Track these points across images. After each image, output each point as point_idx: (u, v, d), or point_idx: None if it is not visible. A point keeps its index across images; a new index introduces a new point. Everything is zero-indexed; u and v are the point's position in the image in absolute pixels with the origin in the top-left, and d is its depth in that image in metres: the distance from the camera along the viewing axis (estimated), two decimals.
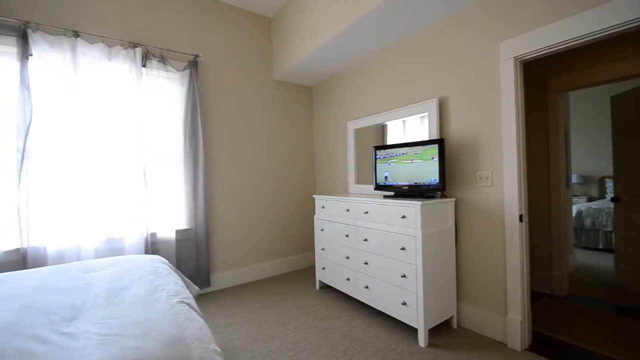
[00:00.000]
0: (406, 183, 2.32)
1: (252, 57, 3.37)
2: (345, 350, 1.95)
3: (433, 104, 2.32)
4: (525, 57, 1.86)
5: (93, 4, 2.50)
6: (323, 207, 2.87)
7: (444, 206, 2.13)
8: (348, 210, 2.55)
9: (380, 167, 2.53)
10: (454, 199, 2.19)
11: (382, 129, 2.86)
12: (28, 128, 2.15)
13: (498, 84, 1.98)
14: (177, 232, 2.78)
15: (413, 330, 2.15)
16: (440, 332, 2.13)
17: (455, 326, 2.19)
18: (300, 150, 3.77)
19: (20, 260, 2.16)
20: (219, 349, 0.90)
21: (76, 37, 2.35)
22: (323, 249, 2.87)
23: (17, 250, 2.16)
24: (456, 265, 2.23)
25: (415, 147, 2.25)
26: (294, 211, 3.68)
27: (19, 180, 2.13)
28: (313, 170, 3.89)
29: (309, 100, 3.86)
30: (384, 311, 2.22)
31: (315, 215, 2.99)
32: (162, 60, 2.69)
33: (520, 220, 1.91)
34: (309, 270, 3.62)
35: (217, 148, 3.11)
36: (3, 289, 1.26)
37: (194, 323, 0.98)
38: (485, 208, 2.07)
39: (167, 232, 2.71)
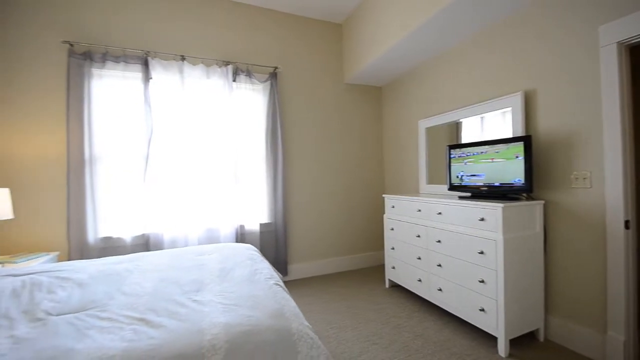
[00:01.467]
0: (485, 183, 2.22)
1: (324, 64, 3.56)
2: (418, 350, 1.97)
3: (517, 98, 2.17)
4: (633, 41, 1.63)
5: (195, 32, 2.97)
6: (393, 207, 2.90)
7: (530, 209, 1.98)
8: (419, 210, 2.54)
9: (454, 166, 2.45)
10: (542, 202, 2.02)
11: (456, 127, 2.76)
12: (150, 138, 2.68)
13: (597, 72, 1.77)
14: (261, 225, 3.14)
15: (492, 338, 2.05)
16: (524, 343, 2.00)
17: (542, 339, 2.02)
18: (370, 150, 3.84)
19: (144, 244, 2.71)
20: (310, 325, 1.06)
21: (183, 61, 2.82)
22: (393, 248, 2.90)
23: (143, 235, 2.72)
24: (544, 273, 2.05)
25: (496, 145, 2.14)
26: (364, 210, 3.78)
27: (144, 181, 2.67)
28: (382, 169, 3.93)
29: (378, 101, 3.91)
30: (459, 315, 2.16)
31: (384, 215, 3.03)
32: (248, 74, 3.05)
33: (627, 227, 1.68)
34: (379, 269, 3.67)
35: (293, 150, 3.38)
36: (143, 265, 1.63)
37: (289, 302, 1.16)
38: (582, 212, 1.87)
39: (253, 225, 3.09)
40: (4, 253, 2.39)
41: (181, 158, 2.81)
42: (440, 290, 2.32)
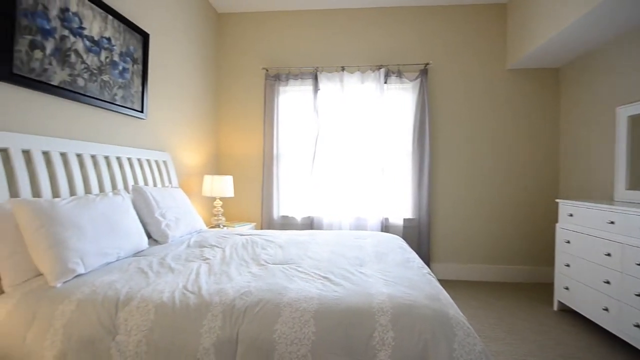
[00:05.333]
0: None
1: (480, 51, 3.30)
2: None
3: None
4: None
5: (352, 44, 3.37)
6: (571, 215, 2.42)
7: None
8: (612, 222, 2.04)
9: None
10: None
11: None
12: (316, 138, 3.26)
13: None
14: (404, 220, 3.28)
15: None
16: None
17: None
18: (538, 145, 3.28)
19: (309, 224, 3.35)
20: (465, 316, 1.13)
21: (342, 71, 3.26)
22: (567, 265, 2.43)
23: (308, 217, 3.36)
24: None
25: None
26: (527, 216, 3.29)
27: (311, 174, 3.28)
28: (556, 169, 3.28)
29: (552, 86, 3.27)
30: None
31: (557, 224, 2.57)
32: (399, 75, 3.21)
33: None
34: (543, 287, 3.13)
35: (442, 146, 3.33)
36: (317, 239, 2.08)
37: (443, 291, 1.26)
38: None
39: (397, 219, 3.27)
40: (227, 220, 3.49)
41: (338, 155, 3.28)
42: (637, 326, 1.82)
